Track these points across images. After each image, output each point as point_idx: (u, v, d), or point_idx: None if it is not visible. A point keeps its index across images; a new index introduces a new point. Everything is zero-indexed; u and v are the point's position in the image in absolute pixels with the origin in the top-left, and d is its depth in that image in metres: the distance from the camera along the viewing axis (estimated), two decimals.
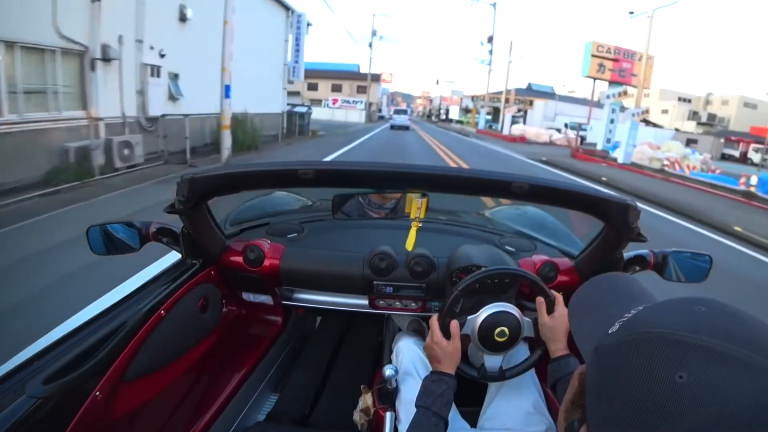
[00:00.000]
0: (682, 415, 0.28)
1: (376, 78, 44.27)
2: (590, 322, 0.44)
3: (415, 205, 1.05)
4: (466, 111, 52.46)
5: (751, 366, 0.29)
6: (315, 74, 42.21)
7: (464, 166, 11.11)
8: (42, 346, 0.81)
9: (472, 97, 41.86)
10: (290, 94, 41.17)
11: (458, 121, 50.66)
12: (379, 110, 52.11)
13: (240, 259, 1.24)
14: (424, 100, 75.34)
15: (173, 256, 1.21)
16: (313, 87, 42.11)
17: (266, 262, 1.24)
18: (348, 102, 39.99)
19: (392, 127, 26.01)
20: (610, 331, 0.38)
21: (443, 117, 56.72)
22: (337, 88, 42.77)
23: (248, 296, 1.39)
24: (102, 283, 2.50)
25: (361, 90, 41.52)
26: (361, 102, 39.57)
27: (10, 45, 5.06)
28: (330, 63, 46.10)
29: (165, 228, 1.14)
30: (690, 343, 0.31)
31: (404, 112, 27.87)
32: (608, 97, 16.37)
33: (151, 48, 7.45)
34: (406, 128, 25.49)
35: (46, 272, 3.00)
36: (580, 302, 0.50)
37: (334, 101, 39.96)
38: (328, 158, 9.26)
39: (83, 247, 1.09)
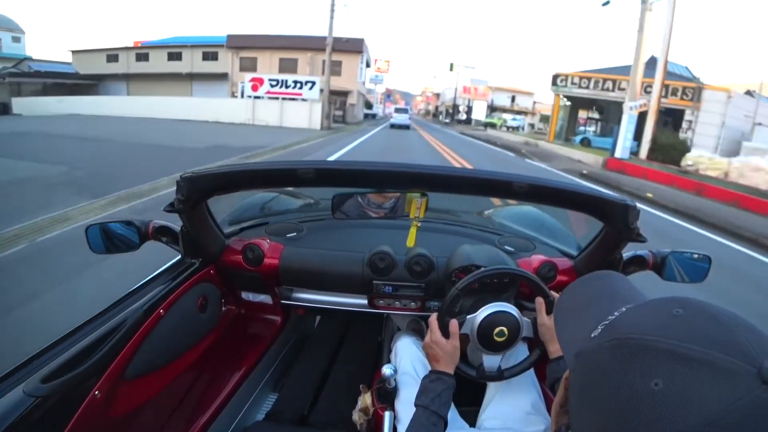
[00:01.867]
0: (659, 423, 0.28)
1: (354, 46, 25.29)
2: (574, 324, 0.43)
3: (415, 204, 1.05)
4: (492, 109, 39.70)
5: (728, 370, 0.28)
6: (253, 42, 26.35)
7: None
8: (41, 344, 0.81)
9: (555, 78, 20.09)
10: (211, 77, 27.34)
11: (487, 124, 36.27)
12: (369, 106, 38.14)
13: (239, 258, 1.24)
14: (426, 97, 72.47)
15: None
16: (249, 65, 26.07)
17: (265, 262, 1.24)
18: (285, 85, 19.92)
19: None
20: (592, 335, 0.37)
21: (463, 117, 40.19)
22: (289, 67, 25.26)
23: (247, 296, 1.39)
24: None
25: (334, 69, 23.04)
26: (312, 84, 19.79)
27: None
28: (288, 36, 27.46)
29: (164, 227, 1.14)
30: (665, 349, 0.30)
31: (405, 111, 27.20)
32: None
33: None
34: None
35: None
36: (565, 304, 0.49)
37: (255, 84, 19.95)
38: None
39: None
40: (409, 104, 69.96)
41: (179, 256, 1.20)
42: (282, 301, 1.37)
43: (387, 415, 1.05)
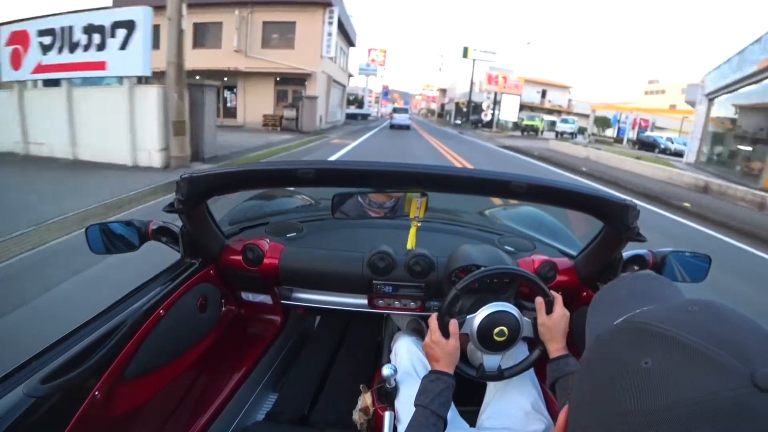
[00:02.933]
0: (639, 397, 0.30)
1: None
2: (602, 315, 0.44)
3: (415, 204, 1.05)
4: (518, 107, 30.13)
5: (721, 365, 0.29)
6: None
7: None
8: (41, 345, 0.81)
9: None
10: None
11: (527, 127, 27.23)
12: (358, 102, 30.77)
13: (239, 258, 1.24)
14: (425, 95, 71.72)
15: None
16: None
17: (265, 262, 1.24)
18: (69, 43, 6.06)
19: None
20: (614, 323, 0.39)
21: (488, 117, 29.33)
22: (210, 36, 15.54)
23: (247, 296, 1.39)
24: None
25: (284, 37, 15.68)
26: (129, 29, 5.59)
27: None
28: None
29: (164, 227, 1.14)
30: (663, 335, 0.32)
31: (405, 111, 26.41)
32: None
33: None
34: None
35: None
36: (602, 298, 0.50)
37: (17, 49, 6.51)
38: None
39: None
40: (407, 104, 69.55)
41: (179, 257, 1.20)
42: (282, 301, 1.37)
43: (387, 415, 1.05)
